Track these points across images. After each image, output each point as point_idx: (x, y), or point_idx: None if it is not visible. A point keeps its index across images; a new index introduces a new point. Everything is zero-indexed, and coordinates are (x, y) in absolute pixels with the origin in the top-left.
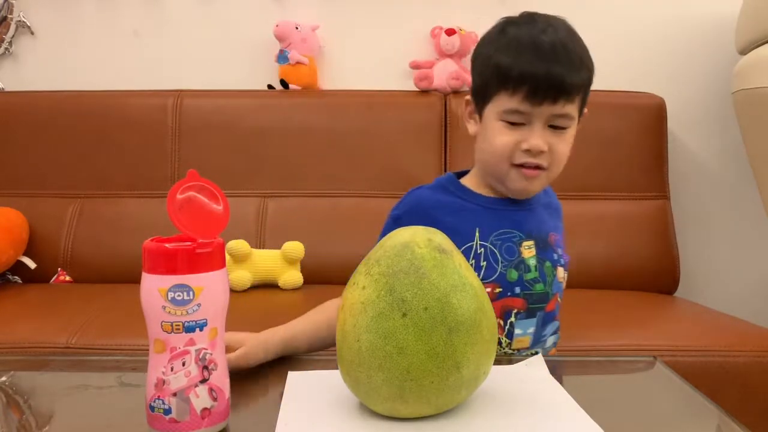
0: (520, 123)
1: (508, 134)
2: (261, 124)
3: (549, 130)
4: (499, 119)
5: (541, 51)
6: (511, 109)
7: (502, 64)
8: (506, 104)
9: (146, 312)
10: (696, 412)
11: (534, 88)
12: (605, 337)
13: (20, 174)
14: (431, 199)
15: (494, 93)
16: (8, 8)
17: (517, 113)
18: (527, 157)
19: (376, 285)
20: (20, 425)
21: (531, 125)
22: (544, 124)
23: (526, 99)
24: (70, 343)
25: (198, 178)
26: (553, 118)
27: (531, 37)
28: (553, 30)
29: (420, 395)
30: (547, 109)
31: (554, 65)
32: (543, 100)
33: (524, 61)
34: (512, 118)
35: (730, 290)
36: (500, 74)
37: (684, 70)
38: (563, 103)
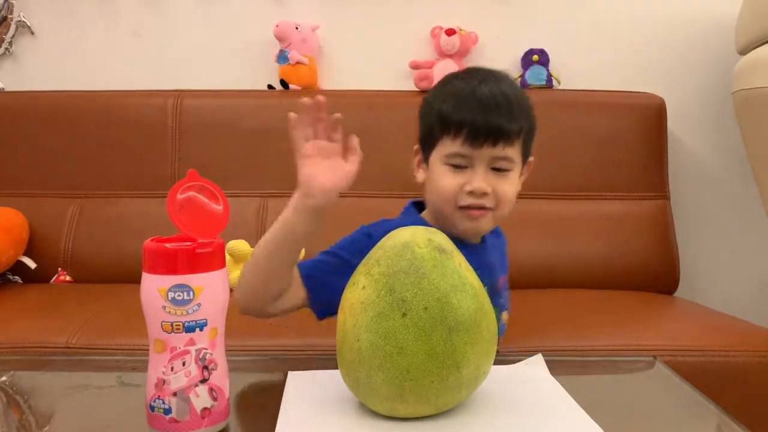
0: (463, 166)
1: (452, 177)
2: (261, 124)
3: (492, 173)
4: (444, 163)
5: (479, 99)
6: (454, 152)
7: (444, 112)
8: (449, 148)
9: (146, 312)
10: (696, 412)
11: (474, 131)
12: (605, 337)
13: (20, 174)
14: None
15: (438, 139)
16: (8, 8)
17: (459, 156)
18: (471, 198)
19: (376, 285)
20: (20, 425)
21: (473, 168)
22: (487, 167)
23: (467, 142)
24: (70, 343)
25: (198, 178)
26: (494, 161)
27: (471, 87)
28: (494, 81)
29: (420, 395)
30: (487, 152)
31: (492, 111)
32: (483, 143)
33: (464, 108)
34: (455, 161)
35: (730, 290)
36: (443, 121)
37: (684, 70)
38: (503, 146)
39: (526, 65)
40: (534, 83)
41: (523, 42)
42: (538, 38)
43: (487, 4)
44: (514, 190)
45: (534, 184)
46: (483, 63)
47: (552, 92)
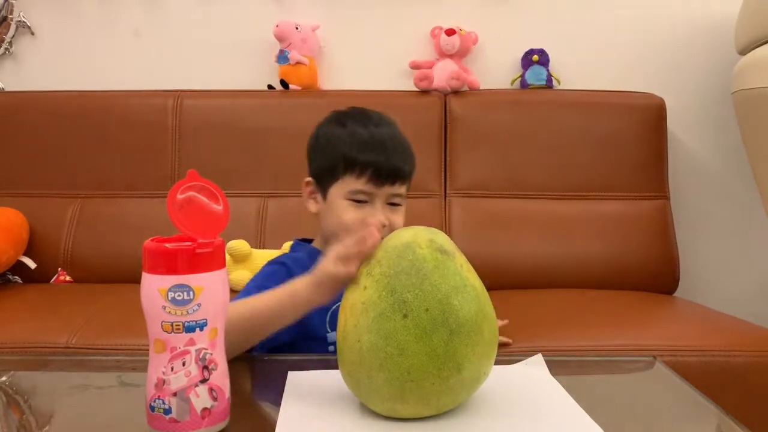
0: (364, 201)
1: (355, 212)
2: (261, 124)
3: (388, 207)
4: (346, 198)
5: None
6: (357, 189)
7: (349, 153)
8: (353, 186)
9: (146, 312)
10: (696, 412)
11: (377, 172)
12: (605, 337)
13: (20, 174)
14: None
15: (341, 175)
16: (8, 8)
17: (362, 193)
18: None
19: (377, 285)
20: (20, 425)
21: (373, 204)
22: (384, 202)
23: (371, 182)
24: (70, 343)
25: (198, 178)
26: (391, 197)
27: (370, 131)
28: (386, 125)
29: (420, 396)
30: (387, 190)
31: (393, 154)
32: (384, 183)
33: (369, 150)
34: (358, 197)
35: (730, 290)
36: (348, 161)
37: (684, 70)
38: (399, 185)
39: (526, 65)
40: (534, 83)
41: (523, 42)
42: (538, 38)
43: (487, 4)
44: (403, 222)
45: (534, 184)
46: (483, 63)
47: (552, 92)
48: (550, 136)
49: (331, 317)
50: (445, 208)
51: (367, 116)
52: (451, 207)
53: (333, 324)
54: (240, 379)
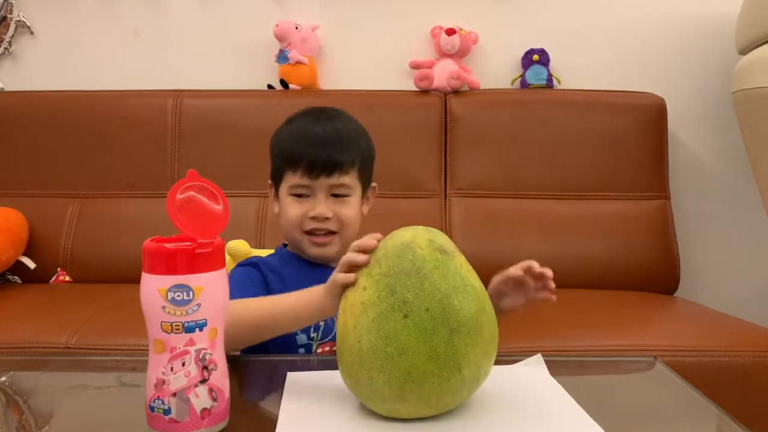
0: (306, 195)
1: (297, 206)
2: (261, 124)
3: (332, 199)
4: (289, 194)
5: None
6: (296, 183)
7: (286, 149)
8: (292, 181)
9: (146, 312)
10: (696, 412)
11: (310, 164)
12: (605, 337)
13: (20, 174)
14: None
15: (283, 173)
16: (8, 8)
17: (301, 187)
18: (315, 223)
19: (377, 286)
20: (20, 425)
21: (315, 196)
22: (327, 194)
23: (305, 174)
24: (70, 343)
25: (198, 178)
26: (333, 188)
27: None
28: (327, 119)
29: (421, 396)
30: (324, 181)
31: (326, 146)
32: (319, 174)
33: (302, 144)
34: (298, 191)
35: (730, 290)
36: (284, 157)
37: (684, 70)
38: (338, 175)
39: (526, 65)
40: (534, 83)
41: (523, 42)
42: (538, 38)
43: (487, 4)
44: (355, 214)
45: (534, 184)
46: (483, 63)
47: (552, 92)
48: (550, 136)
49: None
50: (445, 208)
51: (316, 113)
52: (451, 207)
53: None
54: (240, 379)
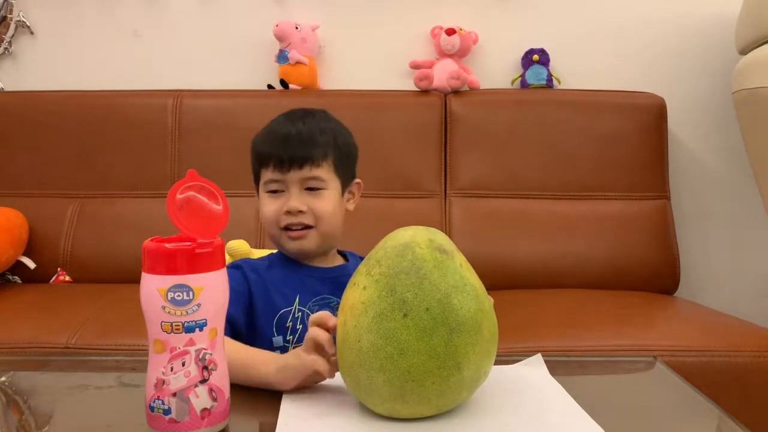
0: (280, 190)
1: (273, 202)
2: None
3: (306, 193)
4: (264, 191)
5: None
6: (268, 179)
7: (257, 148)
8: (264, 177)
9: (146, 312)
10: (696, 412)
11: (279, 158)
12: (605, 337)
13: (20, 174)
14: (262, 264)
15: (258, 172)
16: (8, 8)
17: (273, 182)
18: (290, 218)
19: (376, 285)
20: (20, 425)
21: (288, 191)
22: (300, 188)
23: (276, 168)
24: (70, 343)
25: (198, 178)
26: (306, 182)
27: (279, 126)
28: (299, 118)
29: (421, 396)
30: (296, 174)
31: (293, 142)
32: (290, 167)
33: (271, 141)
34: (272, 187)
35: (730, 290)
36: (258, 155)
37: (684, 70)
38: (310, 168)
39: (526, 65)
40: (534, 83)
41: (523, 42)
42: (538, 38)
43: (487, 4)
44: (331, 207)
45: (534, 184)
46: (483, 63)
47: (552, 92)
48: (550, 136)
49: (278, 321)
50: (445, 208)
51: (292, 113)
52: (451, 207)
53: (280, 328)
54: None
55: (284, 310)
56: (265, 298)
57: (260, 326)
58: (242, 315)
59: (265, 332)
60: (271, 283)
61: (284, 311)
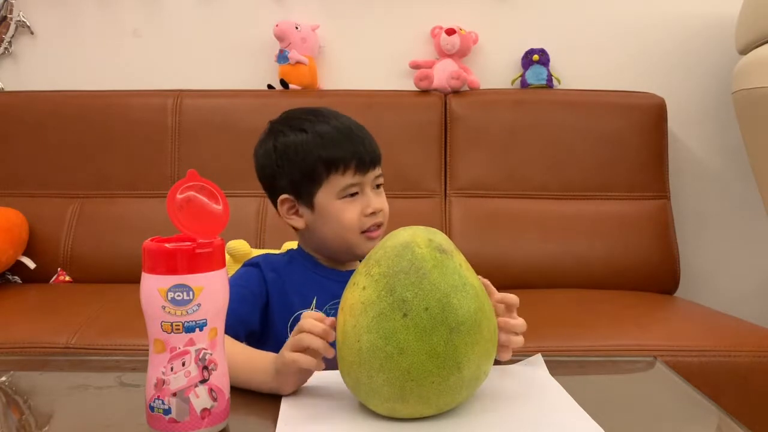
0: (355, 194)
1: (351, 208)
2: (261, 124)
3: (375, 192)
4: (339, 198)
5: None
6: (348, 184)
7: (326, 153)
8: (341, 183)
9: (146, 312)
10: (696, 412)
11: (360, 161)
12: (605, 337)
13: (20, 174)
14: (282, 261)
15: (324, 179)
16: (8, 8)
17: (354, 186)
18: (373, 219)
19: (376, 285)
20: (20, 425)
21: (364, 192)
22: (372, 187)
23: (357, 172)
24: (70, 343)
25: (198, 178)
26: (375, 180)
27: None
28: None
29: (421, 396)
30: (371, 174)
31: (365, 139)
32: (368, 168)
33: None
34: (353, 190)
35: (730, 290)
36: (327, 161)
37: (684, 70)
38: (378, 166)
39: (526, 65)
40: (534, 83)
41: (523, 42)
42: (538, 38)
43: (487, 4)
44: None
45: (534, 184)
46: (483, 63)
47: (552, 92)
48: (550, 136)
49: (293, 322)
50: (445, 208)
51: (317, 113)
52: (451, 207)
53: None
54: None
55: (300, 312)
56: (281, 298)
57: (275, 325)
58: (258, 315)
59: (279, 332)
60: (289, 282)
61: (300, 313)
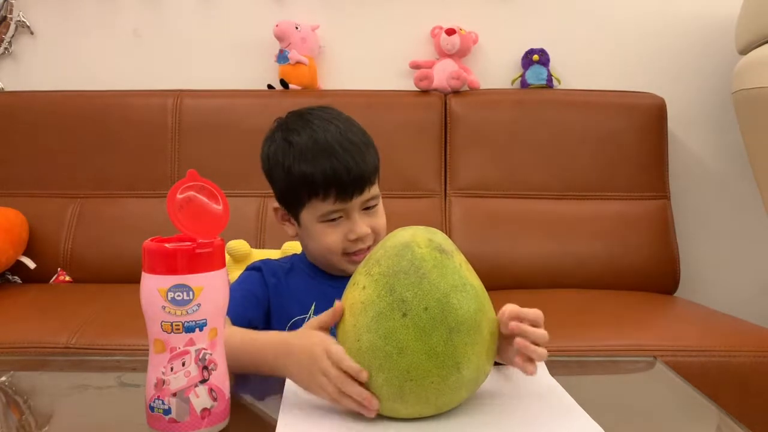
0: (339, 217)
1: (333, 232)
2: (261, 124)
3: (364, 213)
4: (320, 222)
5: (331, 151)
6: (328, 211)
7: (304, 175)
8: (321, 209)
9: (146, 312)
10: (696, 412)
11: (341, 188)
12: (605, 337)
13: (20, 174)
14: (283, 267)
15: (306, 201)
16: (8, 8)
17: (334, 212)
18: (358, 244)
19: (376, 285)
20: (20, 425)
21: (350, 217)
22: (360, 210)
23: (338, 200)
24: (70, 343)
25: (198, 178)
26: (364, 203)
27: (314, 138)
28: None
29: (420, 395)
30: (357, 200)
31: (349, 164)
32: (352, 195)
33: (322, 167)
34: (333, 217)
35: (730, 290)
36: (306, 184)
37: (684, 70)
38: (368, 189)
39: (526, 65)
40: (534, 83)
41: (523, 42)
42: (538, 38)
43: (487, 4)
44: (385, 219)
45: (534, 184)
46: (483, 63)
47: (552, 92)
48: (550, 136)
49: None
50: (445, 208)
51: (306, 121)
52: (451, 207)
53: None
54: (240, 379)
55: (298, 318)
56: (280, 304)
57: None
58: (262, 318)
59: None
60: (289, 290)
61: (298, 318)
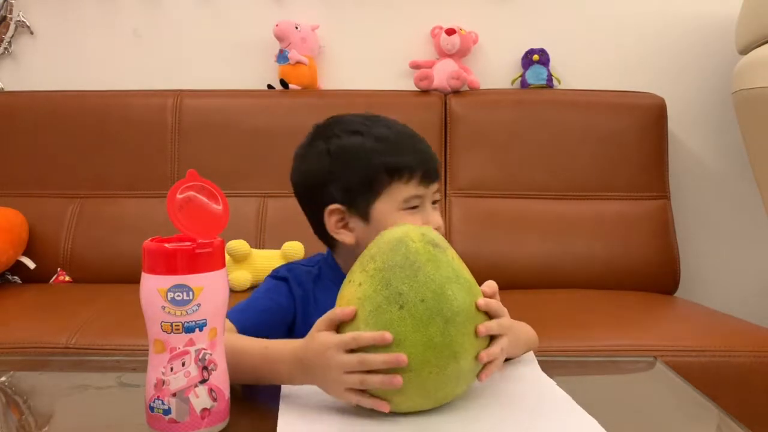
0: (416, 206)
1: (414, 221)
2: (261, 124)
3: (432, 208)
4: (400, 209)
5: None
6: (411, 195)
7: (389, 159)
8: (405, 192)
9: (146, 312)
10: (696, 412)
11: (426, 170)
12: (605, 337)
13: (20, 174)
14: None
15: (384, 187)
16: (8, 8)
17: (417, 198)
18: None
19: (372, 280)
20: (20, 425)
21: (424, 206)
22: (431, 202)
23: (422, 182)
24: (70, 343)
25: (198, 178)
26: (434, 195)
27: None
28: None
29: (419, 387)
30: (433, 188)
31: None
32: (432, 180)
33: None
34: (413, 203)
35: (730, 290)
36: (391, 168)
37: (684, 70)
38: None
39: (526, 65)
40: (534, 83)
41: (523, 42)
42: (538, 38)
43: (487, 4)
44: None
45: (534, 184)
46: (483, 63)
47: (552, 92)
48: (550, 136)
49: None
50: (445, 208)
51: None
52: (451, 207)
53: None
54: None
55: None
56: (305, 316)
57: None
58: (278, 330)
59: None
60: (315, 302)
61: None
